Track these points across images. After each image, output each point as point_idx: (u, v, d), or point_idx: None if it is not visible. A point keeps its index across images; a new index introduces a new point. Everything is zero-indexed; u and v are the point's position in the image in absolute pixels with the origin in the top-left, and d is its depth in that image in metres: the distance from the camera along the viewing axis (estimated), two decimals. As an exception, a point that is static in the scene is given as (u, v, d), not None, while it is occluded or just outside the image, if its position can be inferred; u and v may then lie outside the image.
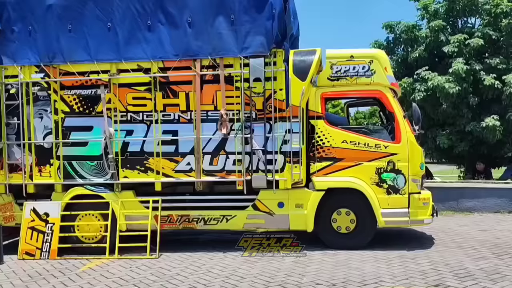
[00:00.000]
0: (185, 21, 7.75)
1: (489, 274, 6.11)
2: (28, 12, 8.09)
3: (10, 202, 8.27)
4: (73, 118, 8.06)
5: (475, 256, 7.11)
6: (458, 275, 6.09)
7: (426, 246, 7.86)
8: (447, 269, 6.41)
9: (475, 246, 7.78)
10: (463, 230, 9.11)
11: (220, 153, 7.77)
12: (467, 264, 6.62)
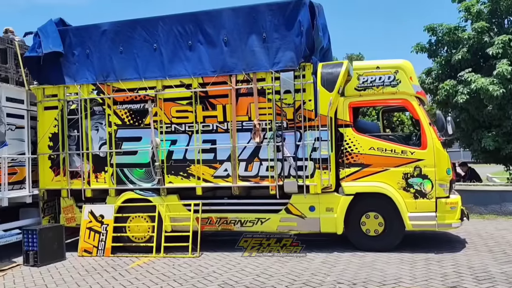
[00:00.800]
0: (221, 40, 8.47)
1: (509, 277, 6.28)
2: (86, 37, 9.15)
3: (71, 205, 9.32)
4: (125, 129, 8.99)
5: (502, 260, 7.25)
6: (478, 278, 6.31)
7: (456, 249, 8.05)
8: (469, 271, 6.64)
9: (506, 250, 7.88)
10: (500, 234, 9.15)
11: (254, 160, 8.39)
12: (490, 268, 6.80)
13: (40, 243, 8.11)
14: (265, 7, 8.35)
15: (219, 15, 8.56)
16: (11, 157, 8.95)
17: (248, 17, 8.39)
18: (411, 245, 8.20)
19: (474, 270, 6.71)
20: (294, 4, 8.16)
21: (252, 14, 8.38)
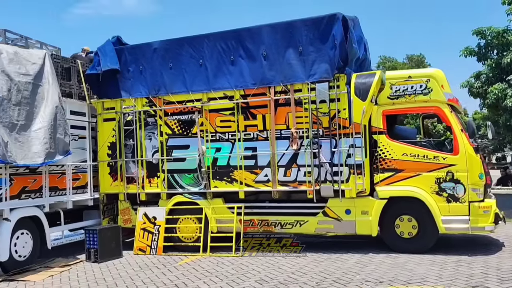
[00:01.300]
0: (261, 54, 9.11)
1: (535, 279, 6.48)
2: (140, 55, 10.06)
3: (127, 208, 10.22)
4: (174, 138, 9.80)
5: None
6: (502, 279, 6.54)
7: (490, 252, 8.23)
8: (495, 273, 6.87)
9: (541, 254, 7.98)
10: (540, 239, 9.19)
11: (292, 166, 8.94)
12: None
13: (100, 242, 9.01)
14: (301, 23, 8.91)
15: (258, 31, 9.21)
16: (75, 164, 9.96)
17: (285, 33, 8.98)
18: (446, 248, 8.46)
19: (502, 271, 6.93)
20: (327, 19, 8.67)
21: (289, 30, 8.96)
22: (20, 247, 8.53)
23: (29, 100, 8.55)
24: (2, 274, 8.06)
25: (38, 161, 8.40)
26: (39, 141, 8.48)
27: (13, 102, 8.22)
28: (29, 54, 9.12)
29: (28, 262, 8.60)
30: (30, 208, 8.80)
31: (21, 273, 8.11)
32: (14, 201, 8.44)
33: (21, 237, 8.56)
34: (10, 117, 8.09)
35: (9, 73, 8.31)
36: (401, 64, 44.39)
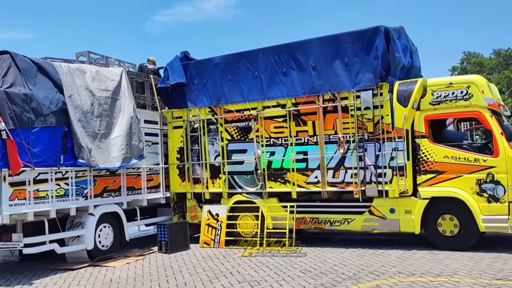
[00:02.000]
0: (310, 66, 9.94)
1: None
2: (203, 69, 11.22)
3: (194, 205, 11.41)
4: (233, 143, 10.85)
5: None
6: (531, 274, 6.94)
7: (534, 251, 8.52)
8: (528, 269, 7.25)
9: None
10: None
11: (340, 168, 9.68)
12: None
13: (170, 235, 10.23)
14: (346, 36, 9.64)
15: (308, 44, 10.05)
16: (149, 167, 11.31)
17: (332, 45, 9.75)
18: (491, 246, 8.83)
19: (534, 268, 7.28)
20: (371, 31, 9.34)
21: (335, 42, 9.72)
22: (103, 238, 9.95)
23: (108, 112, 9.96)
24: (88, 260, 9.48)
25: (116, 164, 9.78)
26: (117, 148, 9.86)
27: (95, 114, 9.65)
28: (108, 72, 10.56)
29: (109, 251, 10.00)
30: (111, 205, 10.21)
31: (103, 260, 9.49)
32: (97, 199, 9.87)
33: (104, 230, 9.98)
34: (93, 127, 9.52)
35: (92, 90, 9.74)
36: (487, 59, 42.63)
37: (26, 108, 8.31)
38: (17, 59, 8.66)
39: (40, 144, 8.48)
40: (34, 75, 8.81)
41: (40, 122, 8.53)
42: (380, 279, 7.07)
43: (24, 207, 8.31)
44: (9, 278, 8.51)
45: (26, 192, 8.34)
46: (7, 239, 8.50)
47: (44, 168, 8.62)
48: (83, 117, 9.33)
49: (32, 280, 8.23)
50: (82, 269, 8.94)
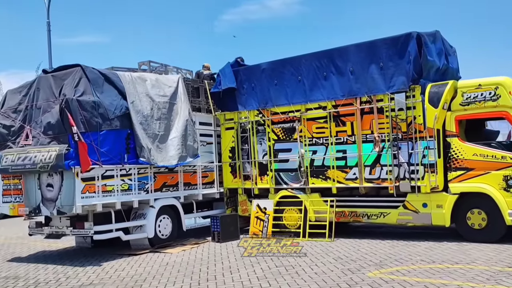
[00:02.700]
0: (348, 70, 10.70)
1: None
2: (251, 75, 12.25)
3: (245, 200, 12.47)
4: (279, 143, 11.81)
5: None
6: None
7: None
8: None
9: None
10: None
11: (376, 165, 10.38)
12: None
13: (222, 226, 11.34)
14: (381, 42, 10.33)
15: (346, 50, 10.82)
16: (204, 165, 12.50)
17: (369, 51, 10.46)
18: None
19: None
20: (404, 37, 9.98)
21: (371, 48, 10.43)
22: (163, 228, 11.22)
23: (166, 116, 11.21)
24: (149, 247, 10.78)
25: (173, 163, 11.03)
26: (174, 147, 11.10)
27: (155, 118, 10.93)
28: (166, 79, 11.84)
29: (168, 240, 11.26)
30: (169, 198, 11.48)
31: (162, 247, 10.75)
32: (157, 193, 11.16)
33: (163, 220, 11.25)
34: (152, 130, 10.80)
35: (152, 96, 11.04)
36: None
37: (95, 113, 9.69)
38: (87, 71, 10.07)
39: (106, 145, 9.84)
40: (102, 85, 10.20)
41: (106, 125, 9.89)
42: (402, 265, 7.79)
43: (94, 199, 9.71)
44: (82, 261, 9.94)
45: (95, 187, 9.73)
46: (80, 227, 9.95)
47: (110, 166, 9.99)
48: (144, 121, 10.63)
49: (101, 262, 9.61)
50: (143, 255, 10.23)
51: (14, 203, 10.35)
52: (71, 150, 9.24)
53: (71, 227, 10.08)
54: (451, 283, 6.55)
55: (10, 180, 10.42)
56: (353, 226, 12.61)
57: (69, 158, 9.24)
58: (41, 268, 9.40)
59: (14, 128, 10.29)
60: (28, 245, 12.49)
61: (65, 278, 8.37)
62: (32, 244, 12.57)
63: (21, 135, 10.11)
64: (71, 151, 9.23)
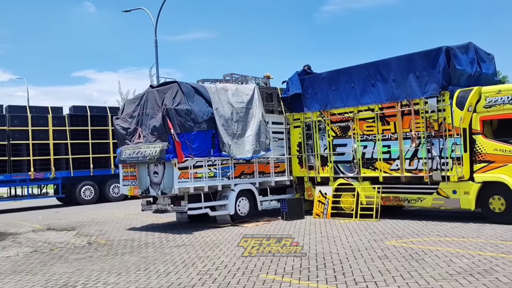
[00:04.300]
0: (391, 79, 12.75)
1: None
2: (314, 82, 14.68)
3: (310, 186, 14.97)
4: (337, 139, 14.13)
5: None
6: (542, 240, 9.11)
7: None
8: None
9: None
10: None
11: (414, 158, 12.37)
12: None
13: (289, 207, 13.95)
14: (417, 55, 12.28)
15: (389, 62, 12.88)
16: (276, 157, 15.15)
17: (407, 62, 12.44)
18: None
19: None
20: (435, 51, 11.85)
21: (409, 60, 12.41)
22: (241, 207, 14.06)
23: (243, 118, 14.01)
24: (231, 222, 13.68)
25: (248, 155, 13.82)
26: (249, 143, 13.88)
27: (234, 120, 13.77)
28: (244, 88, 14.64)
29: (246, 217, 14.08)
30: (247, 184, 14.29)
31: (241, 223, 13.61)
32: (237, 179, 14.01)
33: (242, 201, 14.09)
34: (232, 130, 13.65)
35: (232, 103, 13.88)
36: None
37: (188, 118, 12.71)
38: (182, 85, 13.13)
39: (197, 142, 12.86)
40: (193, 96, 13.21)
41: (196, 127, 12.90)
42: (418, 238, 9.92)
43: (188, 183, 12.78)
44: (180, 230, 13.06)
45: (188, 174, 12.79)
46: (178, 204, 13.10)
47: (200, 158, 13.00)
48: (225, 123, 13.51)
49: (193, 232, 12.64)
50: (226, 227, 13.14)
51: (131, 186, 13.80)
52: (170, 147, 12.35)
53: (171, 205, 13.27)
54: (444, 249, 8.64)
55: (128, 168, 13.87)
56: (406, 210, 14.59)
57: (169, 152, 12.36)
58: (150, 234, 12.66)
59: (130, 129, 13.69)
60: (141, 219, 16.01)
61: (166, 241, 11.48)
62: (144, 218, 16.07)
63: (135, 135, 13.47)
64: (170, 148, 12.35)
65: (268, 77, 16.33)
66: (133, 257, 9.65)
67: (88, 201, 23.22)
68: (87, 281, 7.82)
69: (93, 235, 12.91)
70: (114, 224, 15.09)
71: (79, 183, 23.13)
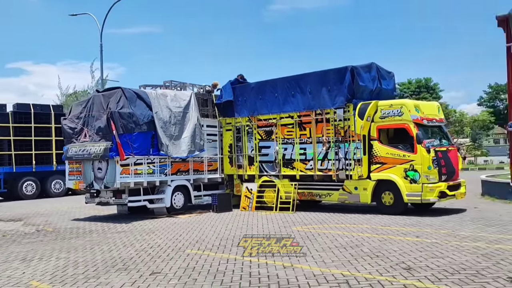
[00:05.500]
0: (307, 91, 14.93)
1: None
2: (244, 91, 16.67)
3: (238, 183, 16.94)
4: (262, 142, 16.19)
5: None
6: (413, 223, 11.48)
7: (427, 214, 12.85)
8: (428, 221, 11.76)
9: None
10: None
11: (325, 159, 14.61)
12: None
13: (218, 201, 15.84)
14: (330, 72, 14.55)
15: (307, 76, 15.09)
16: (209, 157, 17.00)
17: (321, 78, 14.68)
18: (419, 213, 13.28)
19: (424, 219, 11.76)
20: (343, 69, 14.15)
21: (323, 76, 14.66)
22: (177, 201, 15.80)
23: (180, 121, 15.75)
24: (166, 213, 15.39)
25: (184, 155, 15.60)
26: (185, 144, 15.65)
27: (172, 123, 15.49)
28: (182, 94, 16.39)
29: (180, 209, 15.83)
30: (182, 180, 16.04)
31: (176, 214, 15.35)
32: (173, 176, 15.74)
33: (177, 196, 15.83)
34: (170, 132, 15.37)
35: (170, 107, 15.59)
36: None
37: (130, 121, 14.32)
38: (125, 91, 14.72)
39: (137, 142, 14.48)
40: (135, 100, 14.83)
41: (138, 129, 14.53)
42: (320, 225, 12.10)
43: (128, 179, 14.40)
44: (121, 220, 14.62)
45: (129, 170, 14.40)
46: (119, 197, 14.68)
47: (140, 156, 14.64)
48: (164, 125, 15.22)
49: (132, 221, 14.26)
50: (162, 218, 14.84)
51: (76, 180, 15.24)
52: (113, 146, 13.93)
53: (113, 198, 14.83)
54: (335, 232, 10.84)
55: (74, 164, 15.29)
56: (321, 204, 16.82)
57: (112, 151, 13.94)
58: (93, 224, 14.17)
59: (76, 129, 15.12)
60: (84, 212, 17.36)
61: (108, 228, 13.07)
62: (87, 211, 17.44)
63: (81, 134, 14.93)
64: (114, 147, 13.92)
65: (215, 86, 18.09)
66: (79, 240, 11.23)
67: (29, 196, 24.01)
68: (42, 256, 9.39)
69: (40, 224, 14.27)
70: (58, 216, 16.41)
71: (21, 179, 23.87)
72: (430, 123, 13.74)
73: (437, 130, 14.07)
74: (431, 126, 13.78)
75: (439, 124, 14.19)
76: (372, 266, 7.55)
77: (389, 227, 11.36)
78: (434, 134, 13.86)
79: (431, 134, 13.76)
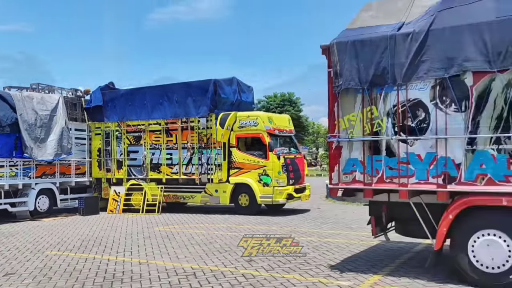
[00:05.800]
0: (174, 100, 15.91)
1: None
2: (114, 96, 17.17)
3: (106, 186, 17.36)
4: (131, 146, 16.83)
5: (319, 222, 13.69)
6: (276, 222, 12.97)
7: (293, 213, 14.56)
8: (278, 219, 13.28)
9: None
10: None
11: (189, 164, 15.68)
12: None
13: (85, 204, 16.14)
14: (195, 83, 15.69)
15: (174, 86, 16.09)
16: (77, 160, 17.20)
17: (187, 88, 15.76)
18: (267, 213, 14.87)
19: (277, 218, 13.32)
20: (207, 82, 15.38)
21: (189, 86, 15.75)
22: (42, 204, 15.81)
23: (47, 124, 15.82)
24: (30, 217, 15.36)
25: (50, 158, 15.69)
26: (51, 147, 15.75)
27: (38, 126, 15.51)
28: (49, 97, 16.44)
29: (45, 213, 15.85)
30: (47, 183, 16.09)
31: (40, 218, 15.39)
32: (38, 179, 15.75)
33: (42, 199, 15.85)
34: (35, 134, 15.38)
35: (37, 110, 15.61)
36: None
37: (-8, 122, 14.20)
38: (-12, 92, 14.52)
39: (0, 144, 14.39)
40: (-3, 102, 14.69)
41: (0, 130, 14.41)
42: (181, 225, 13.11)
43: (-11, 181, 14.23)
44: (-20, 224, 14.40)
45: (-10, 173, 14.25)
46: (-21, 200, 14.42)
47: (1, 159, 14.51)
48: (28, 128, 15.20)
49: (-7, 224, 14.13)
50: (25, 222, 14.82)
51: None
52: (-27, 148, 13.71)
53: (-29, 201, 14.49)
54: (193, 231, 11.92)
55: None
56: (187, 207, 17.84)
57: (-29, 153, 13.70)
58: (-51, 228, 13.78)
59: None
60: None
61: (-34, 232, 12.87)
62: None
63: None
64: (-27, 149, 13.70)
65: (87, 92, 18.21)
66: None
67: None
68: None
69: None
70: None
71: None
72: (281, 133, 15.47)
73: (287, 139, 15.88)
74: (282, 136, 15.51)
75: (289, 134, 16.01)
76: (220, 260, 8.67)
77: (242, 225, 12.73)
78: (285, 143, 15.65)
79: (282, 143, 15.52)
